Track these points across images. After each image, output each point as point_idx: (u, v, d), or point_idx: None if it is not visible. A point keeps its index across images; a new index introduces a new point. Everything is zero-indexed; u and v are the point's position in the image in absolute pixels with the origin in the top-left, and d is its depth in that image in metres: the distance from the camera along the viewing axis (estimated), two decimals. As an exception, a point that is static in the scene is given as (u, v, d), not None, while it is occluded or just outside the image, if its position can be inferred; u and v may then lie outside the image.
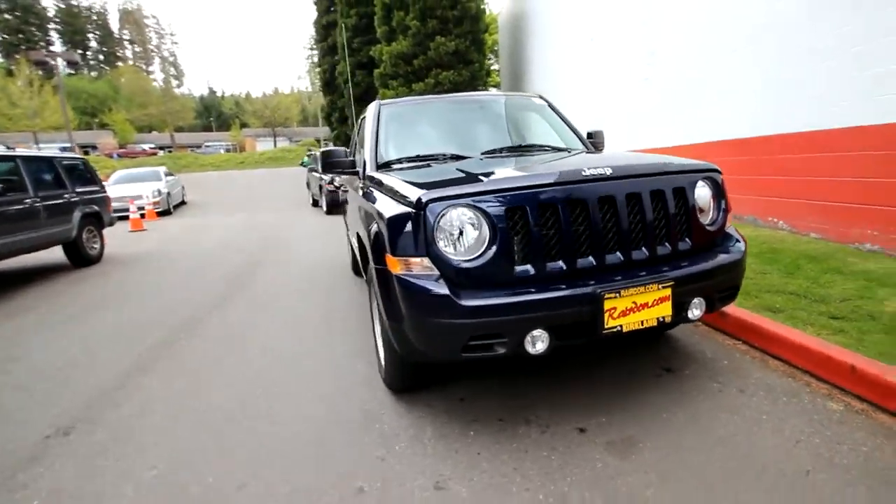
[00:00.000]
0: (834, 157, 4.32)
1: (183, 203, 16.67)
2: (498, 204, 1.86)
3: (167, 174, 15.52)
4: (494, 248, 1.85)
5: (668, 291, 1.88)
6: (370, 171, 2.86)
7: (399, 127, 3.20)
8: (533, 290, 1.83)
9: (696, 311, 2.03)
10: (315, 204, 14.63)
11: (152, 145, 47.81)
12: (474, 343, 1.81)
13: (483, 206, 1.86)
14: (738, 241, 2.27)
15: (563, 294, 1.79)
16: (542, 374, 2.58)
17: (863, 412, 2.05)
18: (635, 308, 1.84)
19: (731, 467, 1.78)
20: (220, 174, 29.44)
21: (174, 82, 59.59)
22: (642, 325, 1.86)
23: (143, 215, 12.07)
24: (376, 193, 2.42)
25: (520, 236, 1.87)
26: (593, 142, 3.44)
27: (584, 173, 1.94)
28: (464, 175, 2.16)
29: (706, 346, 2.82)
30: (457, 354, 1.84)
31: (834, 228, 4.36)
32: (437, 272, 1.86)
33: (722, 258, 2.10)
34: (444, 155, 2.89)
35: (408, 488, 1.79)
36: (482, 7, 14.91)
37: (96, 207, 6.94)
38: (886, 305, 2.90)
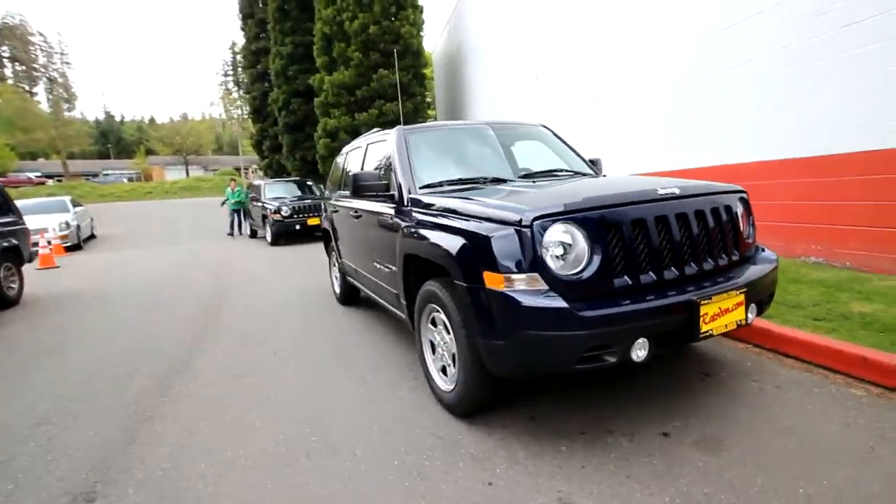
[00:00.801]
0: (765, 185, 5.06)
1: (93, 237, 14.85)
2: (596, 220, 1.98)
3: (74, 204, 13.79)
4: (597, 261, 1.94)
5: (743, 297, 2.09)
6: (414, 195, 2.84)
7: (428, 152, 3.23)
8: (631, 300, 1.94)
9: (751, 314, 2.26)
10: (253, 235, 13.84)
11: (38, 173, 42.24)
12: (588, 354, 1.86)
13: (583, 222, 1.96)
14: (766, 251, 2.59)
15: (668, 302, 1.92)
16: (594, 386, 2.67)
17: (882, 395, 2.40)
18: (720, 313, 2.02)
19: (810, 451, 1.98)
20: (128, 205, 26.76)
21: (64, 105, 53.68)
22: (726, 328, 2.04)
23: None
24: (442, 216, 2.42)
25: (617, 250, 1.98)
26: (595, 168, 3.72)
27: (660, 192, 2.12)
28: (538, 194, 2.26)
29: (724, 351, 3.11)
30: (570, 366, 1.87)
31: (782, 245, 5.07)
32: (545, 286, 1.90)
33: (766, 266, 2.39)
34: (486, 178, 2.98)
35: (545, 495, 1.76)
36: (421, 43, 15.48)
37: (14, 241, 5.99)
38: (852, 307, 3.41)
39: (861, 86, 4.01)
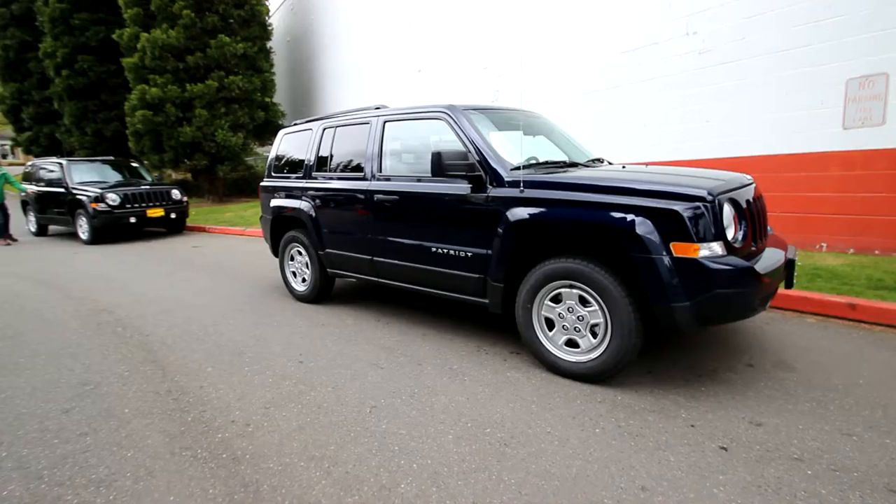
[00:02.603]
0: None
1: None
2: (736, 198, 2.44)
3: None
4: (742, 229, 2.41)
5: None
6: (513, 176, 2.83)
7: (495, 134, 3.21)
8: (764, 260, 2.49)
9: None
10: (42, 232, 10.43)
11: None
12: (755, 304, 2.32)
13: (731, 200, 2.40)
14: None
15: (788, 258, 2.53)
16: (670, 343, 3.18)
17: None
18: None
19: (841, 359, 2.84)
20: None
21: None
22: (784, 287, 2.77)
23: None
24: (583, 192, 2.55)
25: (744, 221, 2.49)
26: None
27: (746, 179, 2.72)
28: (685, 175, 2.62)
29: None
30: (746, 315, 2.30)
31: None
32: (724, 251, 2.27)
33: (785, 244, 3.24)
34: (564, 162, 3.15)
35: (737, 425, 2.12)
36: (268, 13, 13.84)
37: None
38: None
39: (726, 110, 5.55)
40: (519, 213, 2.74)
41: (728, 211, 2.34)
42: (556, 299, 2.71)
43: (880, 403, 2.35)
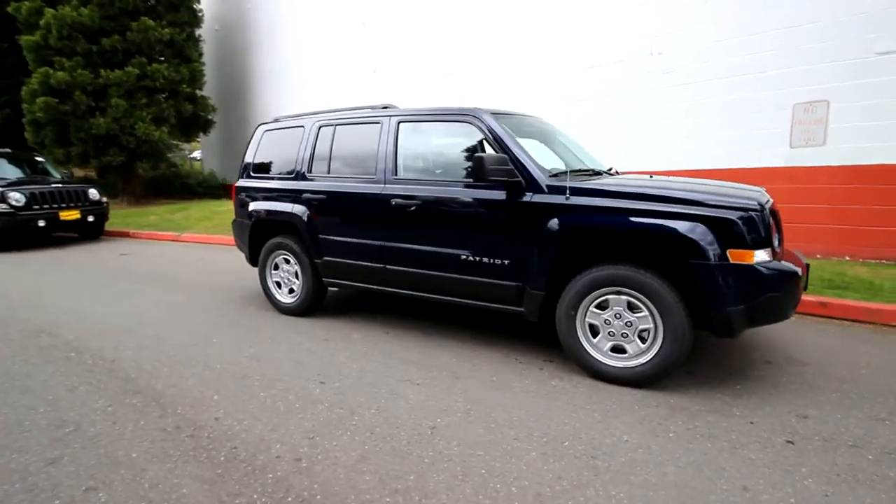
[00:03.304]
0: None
1: None
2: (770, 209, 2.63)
3: None
4: (778, 237, 2.60)
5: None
6: (554, 182, 2.81)
7: (524, 141, 3.15)
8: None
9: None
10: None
11: None
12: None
13: (774, 209, 2.59)
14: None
15: (804, 266, 2.76)
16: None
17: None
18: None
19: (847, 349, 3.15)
20: None
21: None
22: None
23: None
24: (633, 200, 2.59)
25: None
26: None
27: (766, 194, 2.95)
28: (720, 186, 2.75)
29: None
30: (788, 316, 2.46)
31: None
32: (771, 257, 2.42)
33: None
34: (592, 169, 3.19)
35: (788, 418, 2.26)
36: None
37: None
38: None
39: (689, 127, 6.03)
40: (568, 220, 2.72)
41: (770, 220, 2.51)
42: (601, 306, 2.72)
43: (890, 390, 2.64)
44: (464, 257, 3.12)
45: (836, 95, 4.83)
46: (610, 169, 3.71)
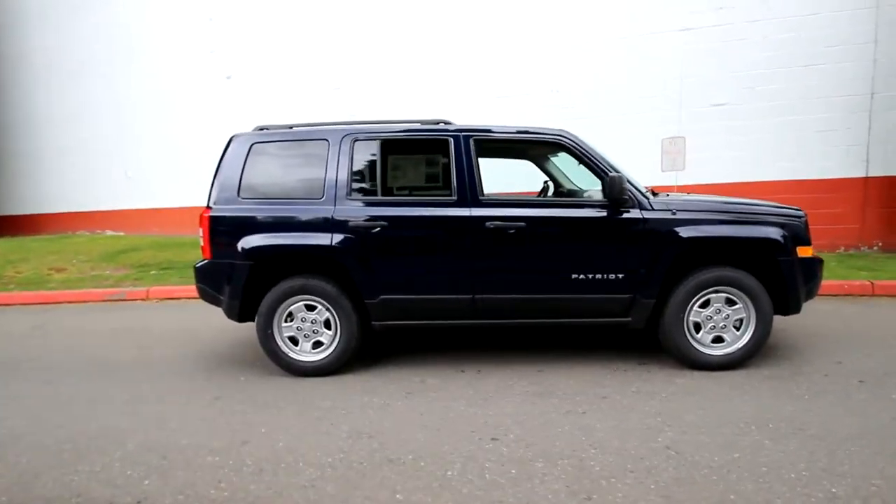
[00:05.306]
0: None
1: None
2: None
3: None
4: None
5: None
6: (657, 200, 3.13)
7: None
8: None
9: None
10: None
11: None
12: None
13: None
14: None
15: None
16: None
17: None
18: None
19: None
20: None
21: None
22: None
23: None
24: (724, 213, 3.13)
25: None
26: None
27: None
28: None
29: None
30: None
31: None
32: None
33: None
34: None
35: (836, 365, 3.08)
36: None
37: None
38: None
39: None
40: (682, 232, 3.06)
41: (807, 226, 3.38)
42: (702, 304, 3.15)
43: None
44: (574, 276, 3.11)
45: (691, 133, 6.63)
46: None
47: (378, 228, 3.13)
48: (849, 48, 6.14)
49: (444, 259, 3.17)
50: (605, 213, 3.11)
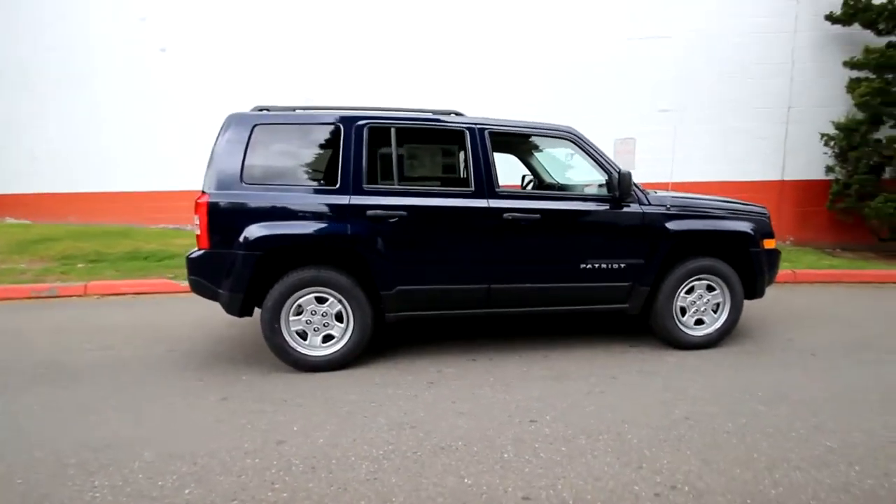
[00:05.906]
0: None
1: None
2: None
3: None
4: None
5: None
6: (653, 196, 3.40)
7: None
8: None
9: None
10: None
11: None
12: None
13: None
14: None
15: None
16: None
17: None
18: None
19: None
20: None
21: None
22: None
23: None
24: (710, 208, 3.49)
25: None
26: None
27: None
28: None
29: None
30: (773, 280, 3.84)
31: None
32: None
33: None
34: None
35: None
36: None
37: None
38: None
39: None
40: (677, 225, 3.36)
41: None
42: (688, 290, 3.50)
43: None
44: (583, 266, 3.30)
45: (640, 136, 7.19)
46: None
47: (396, 218, 3.08)
48: (771, 66, 7.05)
49: (462, 249, 3.20)
50: (611, 207, 3.34)
